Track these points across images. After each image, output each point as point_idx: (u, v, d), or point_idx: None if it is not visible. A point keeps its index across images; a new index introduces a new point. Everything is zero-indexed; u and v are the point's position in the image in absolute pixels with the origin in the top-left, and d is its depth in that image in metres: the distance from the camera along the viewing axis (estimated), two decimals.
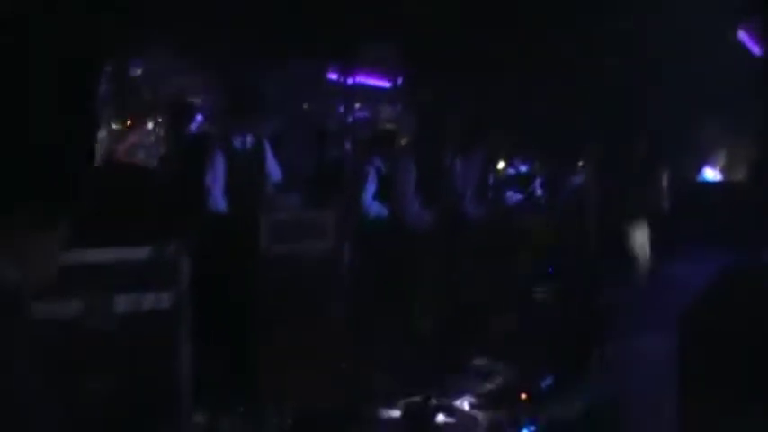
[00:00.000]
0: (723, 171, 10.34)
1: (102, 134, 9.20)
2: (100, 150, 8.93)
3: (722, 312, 4.01)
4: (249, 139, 6.53)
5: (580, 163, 10.64)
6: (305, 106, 11.77)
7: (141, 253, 4.58)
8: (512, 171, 9.58)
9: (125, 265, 4.48)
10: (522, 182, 9.39)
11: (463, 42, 10.25)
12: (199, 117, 9.31)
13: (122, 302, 4.43)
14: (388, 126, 10.98)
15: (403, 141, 8.99)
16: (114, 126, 9.69)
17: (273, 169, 6.70)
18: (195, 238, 5.01)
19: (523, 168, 9.48)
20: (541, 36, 9.92)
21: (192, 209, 6.09)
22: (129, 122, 9.86)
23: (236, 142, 6.49)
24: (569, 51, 10.18)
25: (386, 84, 12.02)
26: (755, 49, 9.51)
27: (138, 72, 10.15)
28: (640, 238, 8.49)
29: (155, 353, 4.54)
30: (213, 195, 6.33)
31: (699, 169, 10.48)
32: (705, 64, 9.71)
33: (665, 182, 8.74)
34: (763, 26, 8.85)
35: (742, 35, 9.82)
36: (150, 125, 9.62)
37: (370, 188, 7.48)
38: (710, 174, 10.31)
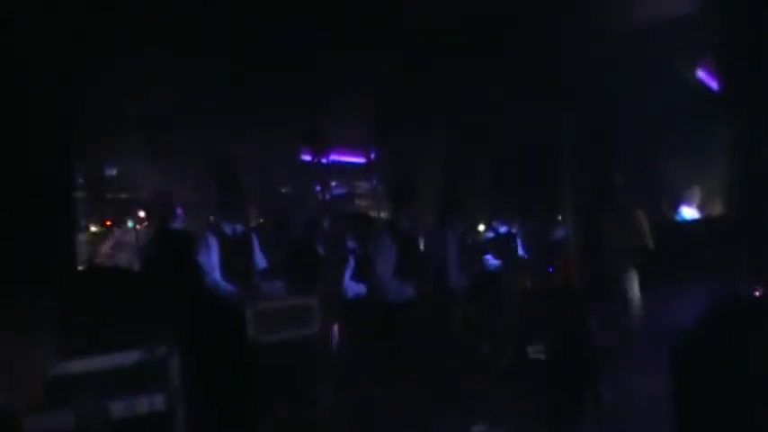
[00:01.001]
0: (699, 208, 10.46)
1: (82, 237, 9.22)
2: (81, 254, 8.94)
3: (712, 348, 4.04)
4: (235, 228, 6.61)
5: (559, 217, 10.75)
6: (282, 191, 11.87)
7: (131, 357, 4.56)
8: (491, 234, 9.63)
9: (116, 370, 4.46)
10: (502, 243, 9.44)
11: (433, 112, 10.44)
12: (179, 211, 9.34)
13: (116, 409, 4.40)
14: (363, 208, 11.10)
15: (380, 215, 9.06)
16: (94, 228, 9.71)
17: (260, 257, 6.77)
18: (185, 335, 5.00)
19: (503, 229, 9.54)
20: (510, 97, 10.09)
21: (182, 305, 6.09)
22: (108, 223, 9.90)
23: (223, 232, 6.56)
24: (540, 107, 10.36)
25: (360, 160, 12.17)
26: (714, 86, 9.72)
27: (114, 172, 10.21)
28: (626, 282, 8.55)
29: None
30: (204, 289, 6.35)
31: (676, 209, 10.59)
32: (671, 106, 9.90)
33: (644, 224, 8.82)
34: (718, 64, 9.05)
35: (701, 74, 10.05)
36: (130, 224, 9.66)
37: (348, 270, 7.52)
38: (688, 212, 10.41)
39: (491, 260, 9.14)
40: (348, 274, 7.48)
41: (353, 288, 7.44)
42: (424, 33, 8.31)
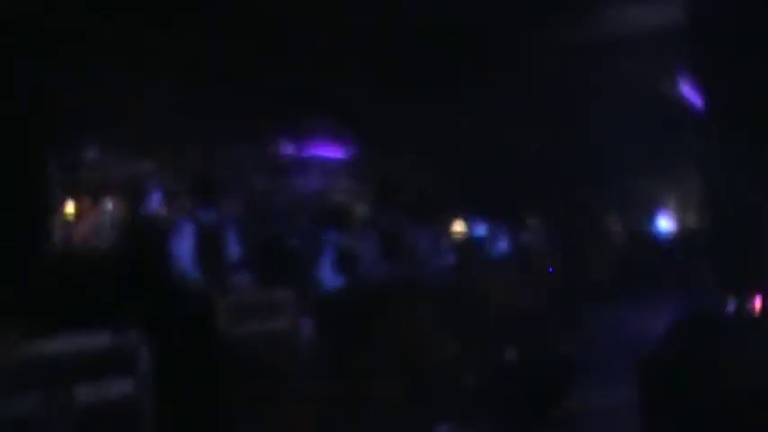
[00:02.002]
0: (676, 220, 10.55)
1: (57, 219, 9.15)
2: (56, 236, 8.88)
3: (679, 361, 4.07)
4: (211, 216, 6.59)
5: (532, 221, 10.79)
6: (260, 183, 11.83)
7: (100, 340, 4.54)
8: (468, 233, 9.68)
9: (84, 354, 4.44)
10: (477, 243, 9.49)
11: (414, 112, 10.47)
12: (156, 197, 9.30)
13: (83, 393, 4.39)
14: (343, 200, 11.08)
15: (359, 210, 9.06)
16: (70, 210, 9.64)
17: (234, 249, 6.75)
18: (155, 322, 4.99)
19: (480, 230, 9.59)
20: (485, 101, 10.14)
21: (153, 291, 6.07)
22: (84, 206, 9.82)
23: (199, 220, 6.54)
24: (517, 112, 10.42)
25: (339, 155, 12.16)
26: (694, 102, 9.79)
27: (93, 155, 10.14)
28: (598, 289, 8.61)
29: None
30: (176, 276, 6.32)
31: (652, 220, 10.68)
32: (649, 119, 9.98)
33: (619, 234, 8.89)
34: (698, 79, 9.12)
35: (681, 88, 10.12)
36: (106, 208, 9.59)
37: (327, 261, 7.52)
38: (664, 224, 10.51)
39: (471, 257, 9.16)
40: (328, 265, 7.48)
41: (333, 279, 7.44)
42: (405, 38, 8.36)
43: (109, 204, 9.43)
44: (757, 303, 4.45)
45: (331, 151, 12.08)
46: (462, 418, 6.68)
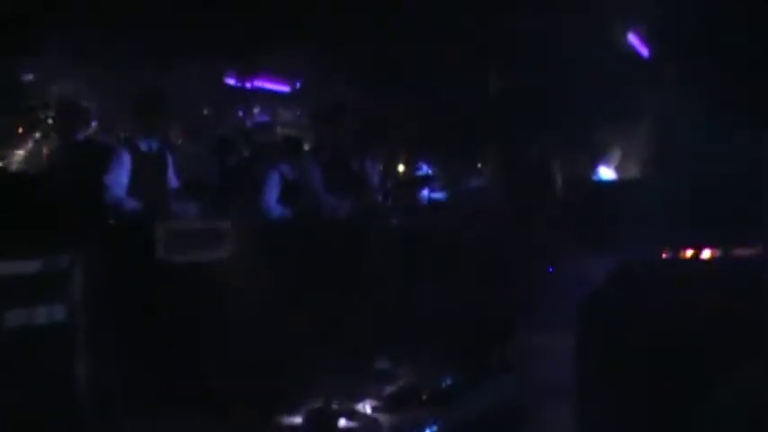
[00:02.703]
0: (617, 170, 10.63)
1: None
2: None
3: (620, 305, 4.14)
4: (151, 144, 6.45)
5: (478, 164, 10.80)
6: (204, 111, 11.66)
7: (33, 265, 4.42)
8: (413, 173, 9.66)
9: (16, 278, 4.33)
10: (422, 183, 9.46)
11: (362, 46, 10.33)
12: (93, 123, 9.07)
13: (14, 317, 4.28)
14: (293, 132, 10.96)
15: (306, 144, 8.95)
16: (3, 134, 9.38)
17: (173, 176, 6.63)
18: (91, 248, 4.88)
19: (424, 170, 9.57)
20: (438, 39, 10.06)
21: (88, 218, 5.92)
22: (19, 129, 9.55)
23: (138, 148, 6.39)
24: (467, 54, 10.35)
25: (285, 88, 12.01)
26: (644, 52, 9.83)
27: (29, 76, 9.85)
28: (540, 236, 8.65)
29: (50, 367, 4.41)
30: (112, 203, 6.20)
31: (594, 168, 10.74)
32: (597, 66, 9.98)
33: (560, 181, 8.94)
34: (650, 29, 9.16)
35: (632, 38, 10.15)
36: (42, 132, 9.33)
37: (273, 192, 7.43)
38: (606, 172, 10.58)
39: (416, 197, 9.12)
40: (273, 196, 7.40)
41: (279, 210, 7.37)
42: None
43: (42, 130, 9.19)
44: (688, 252, 4.56)
45: (278, 84, 11.93)
46: (403, 355, 6.73)
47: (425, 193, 9.40)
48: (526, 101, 10.26)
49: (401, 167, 10.30)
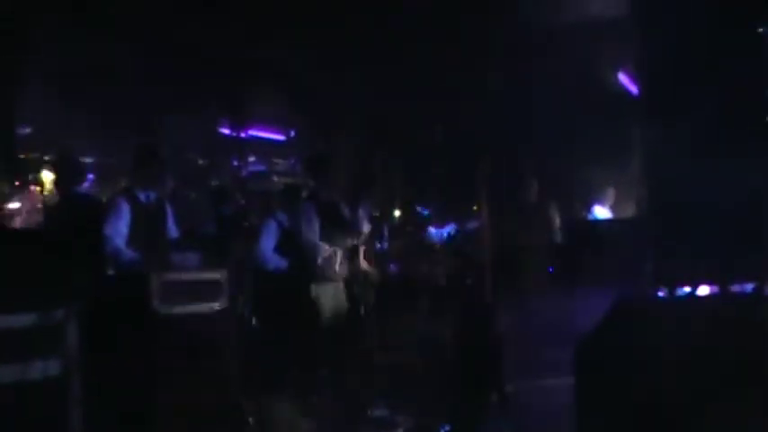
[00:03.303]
0: (612, 209, 10.66)
1: None
2: None
3: (617, 345, 4.12)
4: (149, 195, 6.46)
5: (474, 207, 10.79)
6: (200, 162, 11.72)
7: (26, 320, 4.40)
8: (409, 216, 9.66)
9: (9, 333, 4.31)
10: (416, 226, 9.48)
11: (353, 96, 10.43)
12: (90, 176, 9.11)
13: (7, 372, 4.25)
14: (292, 180, 11.01)
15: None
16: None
17: (172, 228, 6.64)
18: (85, 302, 4.86)
19: (423, 212, 9.60)
20: (429, 84, 10.14)
21: (84, 271, 5.92)
22: (15, 183, 9.58)
23: (136, 198, 6.41)
24: (458, 98, 10.43)
25: (280, 136, 12.08)
26: (634, 91, 9.91)
27: (27, 132, 9.91)
28: (536, 277, 8.64)
29: (45, 421, 4.37)
30: (112, 254, 6.19)
31: (589, 208, 10.77)
32: (590, 107, 10.07)
33: (557, 221, 8.95)
34: (638, 70, 9.23)
35: (621, 78, 10.25)
36: (38, 186, 9.36)
37: (270, 240, 7.44)
38: (601, 211, 10.61)
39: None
40: (270, 245, 7.39)
41: (276, 261, 7.36)
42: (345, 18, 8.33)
43: (39, 182, 9.21)
44: (685, 289, 4.55)
45: (273, 132, 12.00)
46: (400, 402, 6.68)
47: (437, 231, 9.43)
48: (520, 142, 10.33)
49: (397, 212, 10.32)
